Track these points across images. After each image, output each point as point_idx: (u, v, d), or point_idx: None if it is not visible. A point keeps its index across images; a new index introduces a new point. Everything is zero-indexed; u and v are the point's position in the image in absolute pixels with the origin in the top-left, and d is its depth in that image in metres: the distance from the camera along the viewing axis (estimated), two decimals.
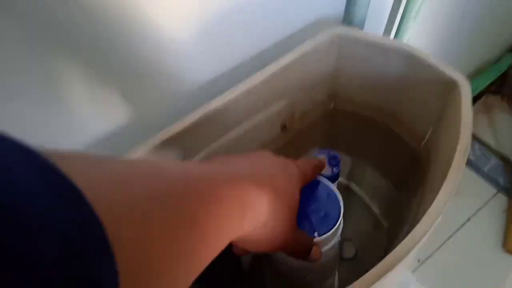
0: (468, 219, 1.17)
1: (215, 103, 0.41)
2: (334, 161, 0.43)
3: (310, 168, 0.37)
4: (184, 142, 0.40)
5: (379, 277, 0.30)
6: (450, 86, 0.41)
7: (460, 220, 1.17)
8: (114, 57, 0.37)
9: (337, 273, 0.51)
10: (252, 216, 0.26)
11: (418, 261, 1.10)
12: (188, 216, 0.19)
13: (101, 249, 0.12)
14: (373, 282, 0.30)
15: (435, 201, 0.34)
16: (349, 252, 0.57)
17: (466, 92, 0.39)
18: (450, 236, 1.14)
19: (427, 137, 0.47)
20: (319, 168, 0.39)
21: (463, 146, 0.36)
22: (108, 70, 0.37)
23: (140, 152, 0.37)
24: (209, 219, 0.20)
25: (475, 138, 1.28)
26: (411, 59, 0.43)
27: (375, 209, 0.59)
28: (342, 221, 0.38)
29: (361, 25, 0.53)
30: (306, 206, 0.38)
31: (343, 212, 0.37)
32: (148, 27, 0.37)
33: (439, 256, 1.10)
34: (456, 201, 1.16)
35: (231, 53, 0.46)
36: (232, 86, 0.42)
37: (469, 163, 1.26)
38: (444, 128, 0.43)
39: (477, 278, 1.05)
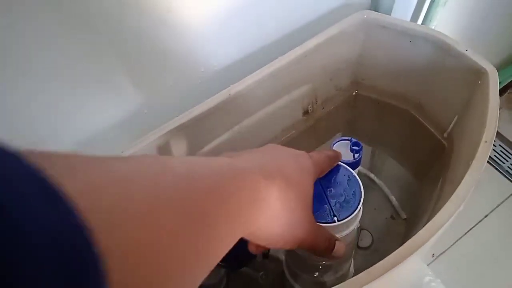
0: (486, 216, 1.15)
1: (240, 85, 0.41)
2: (356, 148, 0.43)
3: (324, 159, 0.35)
4: (209, 123, 0.40)
5: (396, 263, 0.30)
6: (478, 75, 0.40)
7: (477, 216, 1.15)
8: (138, 44, 0.37)
9: (353, 261, 0.51)
10: (263, 208, 0.25)
11: (433, 255, 1.09)
12: (196, 214, 0.18)
13: (87, 264, 0.11)
14: (389, 268, 0.30)
15: (458, 189, 0.33)
16: (365, 241, 0.57)
17: (494, 81, 0.38)
18: (466, 232, 1.12)
19: (451, 126, 0.47)
20: (334, 159, 0.37)
21: (489, 136, 0.36)
22: (131, 56, 0.38)
23: (163, 133, 0.38)
24: (218, 215, 0.20)
25: (497, 133, 1.26)
26: (439, 46, 0.43)
27: (394, 200, 0.59)
28: (362, 207, 0.38)
29: (388, 12, 0.52)
30: (326, 190, 0.38)
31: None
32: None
33: (454, 252, 1.09)
34: (475, 197, 1.15)
35: (257, 35, 0.46)
36: (257, 69, 0.42)
37: (489, 159, 1.24)
38: (469, 118, 0.43)
39: (492, 274, 1.04)
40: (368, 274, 0.29)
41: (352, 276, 0.29)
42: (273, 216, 0.26)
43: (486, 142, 0.35)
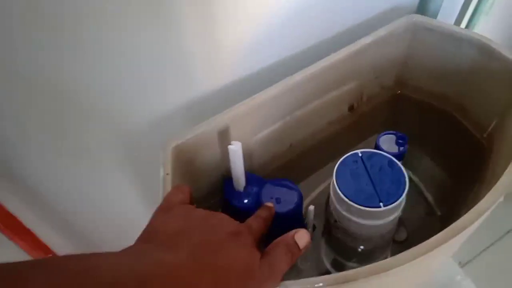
0: None
1: (295, 78, 0.44)
2: (401, 141, 0.46)
3: (261, 224, 0.36)
4: (265, 111, 0.44)
5: (433, 248, 0.32)
6: None
7: (505, 227, 1.15)
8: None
9: (389, 254, 0.53)
10: None
11: (459, 263, 1.09)
12: None
13: None
14: (417, 256, 0.32)
15: (499, 182, 0.35)
16: (400, 235, 0.60)
17: None
18: (494, 242, 1.12)
19: (491, 127, 0.49)
20: (267, 219, 0.38)
21: None
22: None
23: (223, 118, 0.41)
24: None
25: None
26: (484, 49, 0.45)
27: (429, 197, 0.61)
28: (405, 196, 0.41)
29: (434, 16, 0.55)
30: (373, 178, 0.40)
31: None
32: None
33: (480, 261, 1.10)
34: (504, 207, 1.15)
35: (312, 34, 0.49)
36: (311, 64, 0.45)
37: None
38: (510, 120, 0.45)
39: None
40: (396, 260, 0.32)
41: None
42: None
43: None
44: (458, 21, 0.61)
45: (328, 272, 0.52)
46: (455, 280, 0.63)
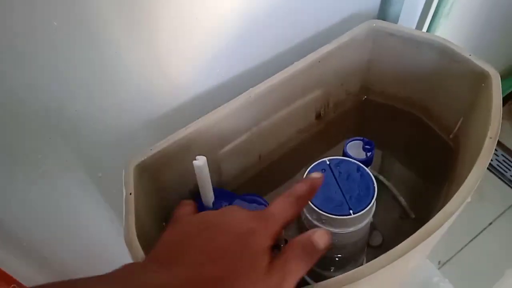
0: (490, 224, 1.17)
1: (258, 88, 0.44)
2: (368, 147, 0.46)
3: (286, 209, 0.31)
4: (230, 123, 0.43)
5: (406, 251, 0.32)
6: (481, 78, 0.43)
7: (482, 224, 1.17)
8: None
9: (365, 259, 0.53)
10: None
11: (439, 263, 1.10)
12: None
13: None
14: (393, 260, 0.32)
15: (466, 181, 0.36)
16: (376, 240, 0.59)
17: (497, 83, 0.41)
18: (471, 240, 1.14)
19: (456, 128, 0.49)
20: (303, 199, 0.32)
21: (494, 132, 0.38)
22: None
23: (185, 134, 0.41)
24: None
25: (499, 143, 1.28)
26: (444, 51, 0.46)
27: (402, 200, 0.61)
28: (375, 202, 0.41)
29: (394, 21, 0.56)
30: (341, 186, 0.40)
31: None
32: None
33: (459, 259, 1.11)
34: (479, 205, 1.17)
35: (274, 43, 0.49)
36: (273, 74, 0.45)
37: (492, 168, 1.27)
38: (474, 119, 0.45)
39: (496, 281, 1.05)
40: (371, 265, 0.31)
41: None
42: None
43: (491, 138, 0.38)
44: (419, 25, 0.61)
45: (305, 283, 0.51)
46: (432, 281, 0.64)
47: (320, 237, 0.29)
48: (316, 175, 0.33)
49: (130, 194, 0.36)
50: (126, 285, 0.23)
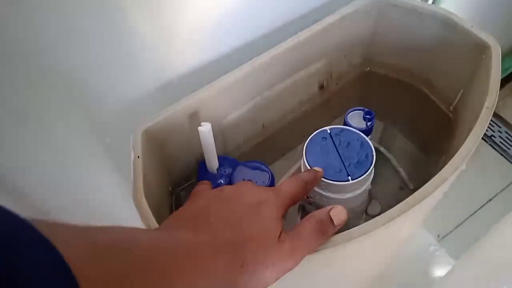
0: (490, 199, 1.18)
1: (262, 58, 0.45)
2: (368, 116, 0.47)
3: (297, 188, 0.34)
4: (234, 92, 0.44)
5: (396, 216, 0.33)
6: (482, 49, 0.43)
7: (482, 199, 1.18)
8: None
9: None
10: (212, 283, 0.25)
11: (438, 236, 1.12)
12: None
13: None
14: (393, 218, 0.33)
15: (461, 149, 0.37)
16: (375, 209, 0.61)
17: (496, 53, 0.42)
18: (472, 214, 1.16)
19: (457, 99, 0.50)
20: (311, 183, 0.36)
21: (491, 102, 0.39)
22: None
23: (190, 102, 0.42)
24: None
25: (502, 120, 1.29)
26: (446, 23, 0.46)
27: (402, 171, 0.63)
28: (373, 169, 0.42)
29: None
30: (341, 153, 0.42)
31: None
32: None
33: (458, 233, 1.13)
34: (480, 181, 1.19)
35: (277, 14, 0.49)
36: (277, 44, 0.46)
37: (494, 144, 1.27)
38: (473, 91, 0.46)
39: None
40: (364, 227, 0.33)
41: None
42: (228, 282, 0.26)
43: (487, 108, 0.39)
44: None
45: None
46: (429, 251, 0.66)
47: (337, 213, 0.32)
48: (318, 169, 0.38)
49: (138, 157, 0.38)
50: (163, 234, 0.25)
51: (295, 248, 0.29)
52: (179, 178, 0.47)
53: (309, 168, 0.40)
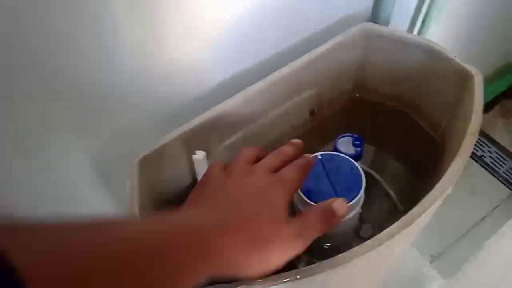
0: (482, 219, 1.20)
1: (255, 87, 0.46)
2: (358, 142, 0.49)
3: (297, 172, 0.35)
4: (228, 120, 0.46)
5: (384, 241, 0.35)
6: (465, 77, 0.45)
7: (474, 219, 1.20)
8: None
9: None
10: (216, 258, 0.25)
11: (431, 256, 1.13)
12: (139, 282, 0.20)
13: None
14: (376, 246, 0.34)
15: (446, 174, 0.38)
16: (366, 232, 0.62)
17: (479, 82, 0.44)
18: (464, 235, 1.17)
19: (443, 125, 0.52)
20: (305, 168, 0.36)
21: (474, 128, 0.41)
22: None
23: (185, 130, 0.43)
24: (163, 278, 0.21)
25: (492, 141, 1.31)
26: (431, 53, 0.48)
27: (392, 194, 0.64)
28: (363, 194, 0.43)
29: (386, 24, 0.58)
30: (331, 178, 0.43)
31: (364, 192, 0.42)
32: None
33: (451, 253, 1.14)
34: (472, 200, 1.20)
35: (269, 45, 0.51)
36: (269, 74, 0.47)
37: (485, 164, 1.29)
38: (459, 117, 0.48)
39: None
40: (354, 252, 0.33)
41: None
42: (235, 260, 0.27)
43: (471, 134, 0.41)
44: (411, 27, 0.64)
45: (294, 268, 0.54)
46: (422, 272, 0.66)
47: (339, 205, 0.34)
48: (308, 155, 0.39)
49: (133, 187, 0.39)
50: (159, 225, 0.25)
51: (302, 231, 0.30)
52: (175, 203, 0.48)
53: (300, 193, 0.42)
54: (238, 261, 0.27)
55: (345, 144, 0.50)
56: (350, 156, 0.45)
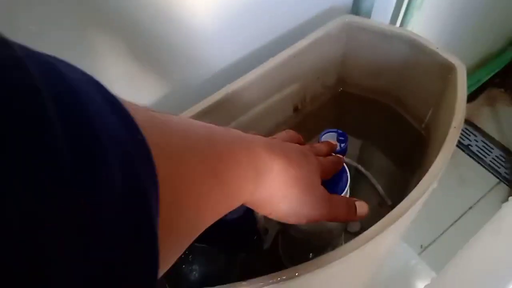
0: (470, 208, 1.21)
1: (236, 85, 0.45)
2: (342, 138, 0.48)
3: (329, 163, 0.37)
4: (208, 119, 0.44)
5: (373, 236, 0.34)
6: (448, 69, 0.45)
7: (462, 208, 1.21)
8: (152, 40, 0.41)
9: (343, 244, 0.55)
10: (265, 179, 0.27)
11: (421, 247, 1.14)
12: (212, 168, 0.22)
13: (147, 165, 0.15)
14: (365, 243, 0.34)
15: (431, 168, 0.38)
16: (355, 226, 0.62)
17: (462, 74, 0.43)
18: (452, 224, 1.18)
19: (427, 117, 0.52)
20: (337, 164, 0.39)
21: (458, 122, 0.41)
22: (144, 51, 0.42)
23: None
24: (227, 175, 0.23)
25: (478, 129, 1.32)
26: (413, 45, 0.48)
27: (380, 188, 0.64)
28: (349, 189, 0.43)
29: (368, 15, 0.57)
30: None
31: (351, 187, 0.41)
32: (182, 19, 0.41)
33: (441, 242, 1.14)
34: (459, 190, 1.21)
35: (250, 39, 0.50)
36: (250, 70, 0.46)
37: (471, 153, 1.30)
38: (442, 109, 0.48)
39: None
40: (342, 249, 0.33)
41: None
42: (275, 188, 0.28)
43: (455, 127, 0.40)
44: (393, 19, 0.63)
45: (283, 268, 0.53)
46: (410, 264, 0.66)
47: (360, 205, 0.35)
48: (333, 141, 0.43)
49: None
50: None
51: (329, 202, 0.32)
52: None
53: None
54: (280, 191, 0.29)
55: (330, 139, 0.49)
56: (335, 152, 0.44)
